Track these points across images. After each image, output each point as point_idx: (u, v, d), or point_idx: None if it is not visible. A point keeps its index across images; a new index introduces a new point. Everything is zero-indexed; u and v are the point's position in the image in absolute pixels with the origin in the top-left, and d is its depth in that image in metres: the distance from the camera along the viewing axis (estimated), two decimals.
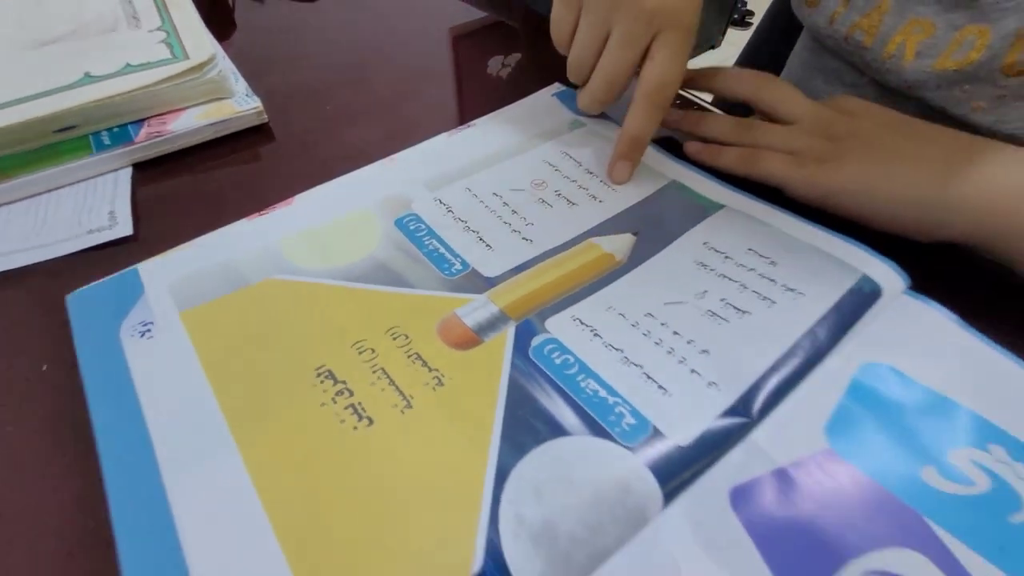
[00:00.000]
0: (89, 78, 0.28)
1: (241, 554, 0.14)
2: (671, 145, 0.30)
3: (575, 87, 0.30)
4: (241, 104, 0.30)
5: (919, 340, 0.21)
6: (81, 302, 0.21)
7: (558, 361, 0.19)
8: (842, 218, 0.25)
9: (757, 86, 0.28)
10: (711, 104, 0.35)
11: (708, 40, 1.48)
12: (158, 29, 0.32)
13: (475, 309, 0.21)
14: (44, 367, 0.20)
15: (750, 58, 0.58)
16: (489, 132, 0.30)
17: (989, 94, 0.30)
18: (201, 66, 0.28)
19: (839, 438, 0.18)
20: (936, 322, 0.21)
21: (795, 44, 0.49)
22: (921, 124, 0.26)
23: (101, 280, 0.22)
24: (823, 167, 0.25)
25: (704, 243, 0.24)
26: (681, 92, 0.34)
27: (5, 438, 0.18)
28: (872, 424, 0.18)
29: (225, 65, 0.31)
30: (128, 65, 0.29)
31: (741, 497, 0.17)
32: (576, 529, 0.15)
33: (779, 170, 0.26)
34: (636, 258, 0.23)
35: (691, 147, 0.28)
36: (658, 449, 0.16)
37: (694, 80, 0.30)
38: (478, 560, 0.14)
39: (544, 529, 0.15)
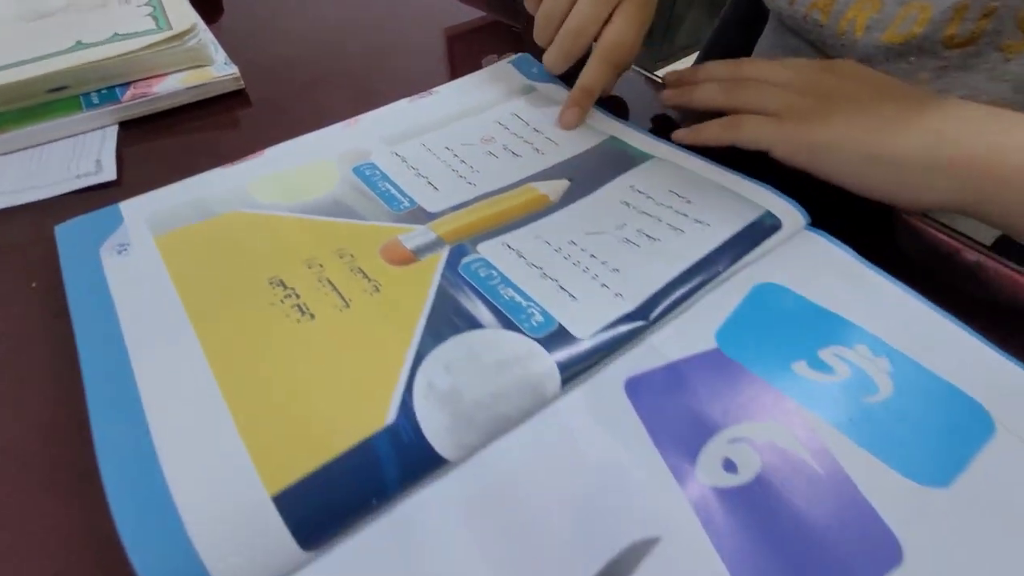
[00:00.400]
0: (80, 45, 0.31)
1: (195, 416, 0.17)
2: (623, 111, 0.32)
3: (538, 56, 0.33)
4: (220, 71, 0.32)
5: (810, 265, 0.23)
6: (68, 231, 0.23)
7: (483, 274, 0.21)
8: (821, 183, 0.25)
9: (734, 67, 0.29)
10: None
11: (699, 40, 1.52)
12: (145, 4, 0.35)
13: (416, 236, 0.23)
14: (33, 284, 0.23)
15: (715, 45, 0.61)
16: (447, 97, 0.33)
17: (933, 65, 0.32)
18: (182, 35, 0.31)
19: (727, 340, 0.21)
20: (827, 251, 0.24)
21: (756, 29, 0.52)
22: (908, 87, 0.26)
23: (87, 214, 0.24)
24: (807, 124, 0.25)
25: (631, 186, 0.26)
26: (638, 70, 0.36)
27: None
28: (757, 330, 0.21)
29: (206, 37, 0.34)
30: (116, 34, 0.32)
31: (634, 385, 0.19)
32: (480, 396, 0.17)
33: (762, 131, 0.26)
34: (568, 199, 0.26)
35: (677, 135, 0.29)
36: (559, 339, 0.19)
37: (681, 94, 0.30)
38: (392, 414, 0.17)
39: (451, 394, 0.17)
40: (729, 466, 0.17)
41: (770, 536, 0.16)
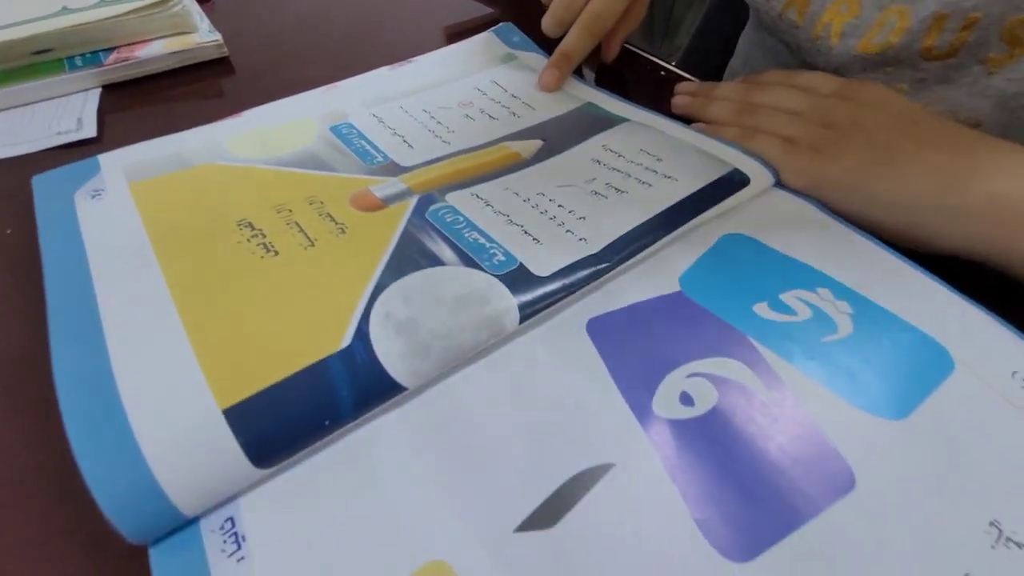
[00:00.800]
0: (65, 10, 0.31)
1: (152, 339, 0.17)
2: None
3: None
4: (203, 37, 0.33)
5: (777, 217, 0.23)
6: (45, 180, 0.24)
7: (449, 220, 0.21)
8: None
9: (748, 90, 0.29)
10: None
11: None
12: None
13: (386, 186, 0.23)
14: (8, 231, 0.23)
15: (700, 38, 0.62)
16: (428, 65, 0.33)
17: (910, 77, 0.31)
18: (166, 0, 0.32)
19: (690, 284, 0.21)
20: (794, 204, 0.24)
21: (741, 25, 0.52)
22: (931, 122, 0.24)
23: (64, 167, 0.25)
24: (816, 156, 0.24)
25: (603, 145, 0.27)
26: (651, 58, 0.36)
27: None
28: (721, 275, 0.21)
29: (190, 4, 0.34)
30: (102, 1, 0.32)
31: (596, 325, 0.19)
32: (436, 326, 0.17)
33: (772, 154, 0.25)
34: (540, 157, 0.26)
35: (695, 128, 0.28)
36: (519, 276, 0.19)
37: (692, 105, 0.30)
38: (347, 338, 0.17)
39: (408, 323, 0.17)
40: (686, 399, 0.17)
41: (723, 464, 0.16)
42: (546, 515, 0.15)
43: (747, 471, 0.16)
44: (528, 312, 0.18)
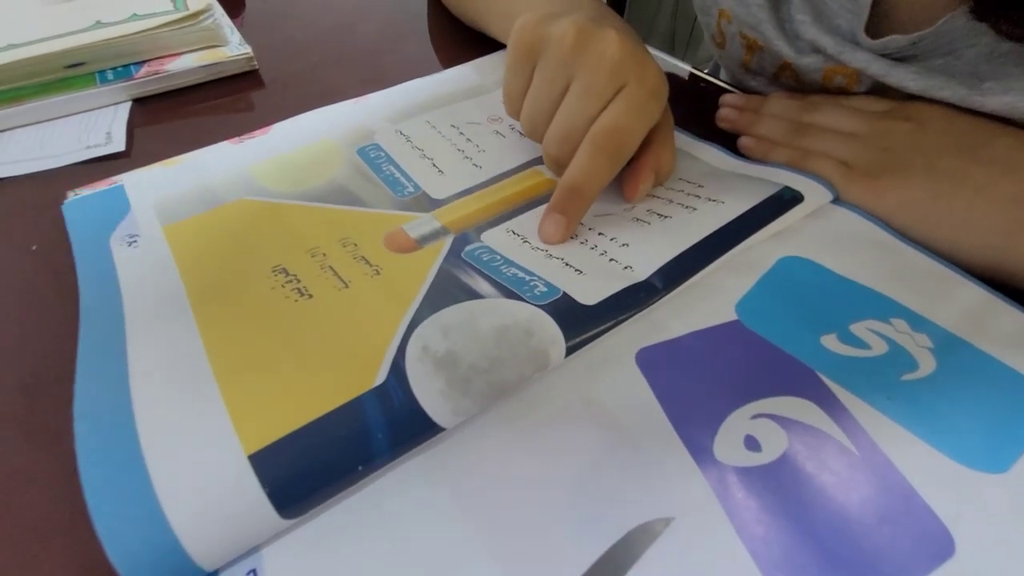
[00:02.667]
0: (99, 24, 0.31)
1: (178, 382, 0.16)
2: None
3: None
4: (234, 51, 0.32)
5: (840, 239, 0.22)
6: (75, 210, 0.23)
7: (485, 258, 0.20)
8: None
9: (800, 109, 0.26)
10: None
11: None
12: None
13: (420, 224, 0.22)
14: (34, 247, 0.22)
15: None
16: (456, 77, 0.32)
17: None
18: (198, 14, 0.31)
19: (747, 312, 0.19)
20: (858, 225, 0.22)
21: None
22: (1003, 141, 0.21)
23: (91, 193, 0.24)
24: (874, 184, 0.22)
25: None
26: (707, 78, 0.33)
27: None
28: (781, 303, 0.19)
29: (223, 21, 0.34)
30: (135, 15, 0.32)
31: (646, 357, 0.18)
32: (478, 360, 0.16)
33: (829, 178, 0.23)
34: None
35: (744, 142, 0.27)
36: (563, 305, 0.18)
37: (741, 120, 0.28)
38: (381, 375, 0.15)
39: (447, 357, 0.16)
40: (751, 443, 0.16)
41: (799, 521, 0.14)
42: None
43: (826, 530, 0.14)
44: (575, 344, 0.17)
